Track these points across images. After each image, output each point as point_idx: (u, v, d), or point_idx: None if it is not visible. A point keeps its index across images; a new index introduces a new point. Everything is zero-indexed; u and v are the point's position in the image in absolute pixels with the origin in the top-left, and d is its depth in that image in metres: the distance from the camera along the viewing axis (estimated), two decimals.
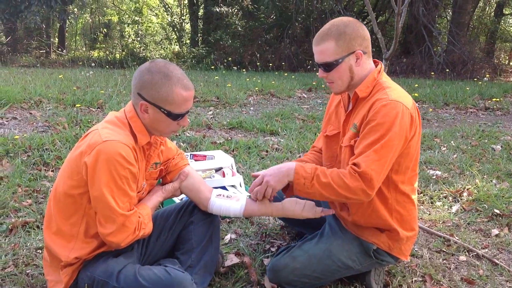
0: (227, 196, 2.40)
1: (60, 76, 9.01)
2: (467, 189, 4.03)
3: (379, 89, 2.28)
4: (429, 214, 3.63)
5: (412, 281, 2.67)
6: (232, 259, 2.72)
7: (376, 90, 2.30)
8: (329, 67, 2.26)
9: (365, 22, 18.67)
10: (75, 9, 19.94)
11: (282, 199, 2.43)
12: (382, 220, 2.37)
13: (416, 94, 9.27)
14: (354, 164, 2.19)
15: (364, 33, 2.28)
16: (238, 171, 4.16)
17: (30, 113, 5.82)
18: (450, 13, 17.26)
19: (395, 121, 2.15)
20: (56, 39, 22.23)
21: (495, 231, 3.35)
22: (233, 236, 3.11)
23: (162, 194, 2.35)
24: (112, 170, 1.96)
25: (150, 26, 24.16)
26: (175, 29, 21.74)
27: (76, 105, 6.29)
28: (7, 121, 5.41)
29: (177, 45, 21.70)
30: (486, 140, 5.88)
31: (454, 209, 3.72)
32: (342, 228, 2.51)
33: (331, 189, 2.20)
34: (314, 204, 2.37)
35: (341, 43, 2.22)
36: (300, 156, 4.88)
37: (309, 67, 15.46)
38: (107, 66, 13.97)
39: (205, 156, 3.81)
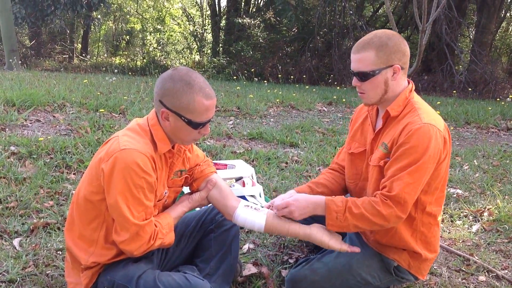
0: (254, 208, 2.33)
1: (85, 81, 9.12)
2: (488, 209, 3.99)
3: (411, 110, 2.26)
4: (449, 233, 3.59)
5: None
6: (250, 269, 2.71)
7: (407, 110, 2.27)
8: (365, 76, 2.23)
9: None
10: (99, 16, 20.23)
11: None
12: (404, 242, 2.35)
13: (437, 112, 9.20)
14: (385, 187, 2.18)
15: (406, 48, 2.26)
16: (257, 182, 4.16)
17: (54, 116, 5.89)
18: (473, 32, 17.17)
19: (429, 145, 2.13)
20: (79, 45, 22.55)
21: None
22: (252, 246, 3.11)
23: (188, 204, 2.33)
24: (128, 179, 1.96)
25: (171, 35, 24.40)
26: (197, 38, 21.92)
27: (100, 110, 6.36)
28: (30, 123, 5.49)
29: (198, 54, 21.86)
30: (507, 161, 5.80)
31: (474, 228, 3.68)
32: (363, 242, 2.50)
33: (364, 219, 2.19)
34: (341, 238, 2.33)
35: (381, 54, 2.20)
36: (319, 169, 4.87)
37: (329, 80, 15.46)
38: (129, 73, 14.11)
39: (226, 165, 3.82)
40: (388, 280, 2.47)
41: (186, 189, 2.55)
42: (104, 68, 14.99)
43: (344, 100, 10.03)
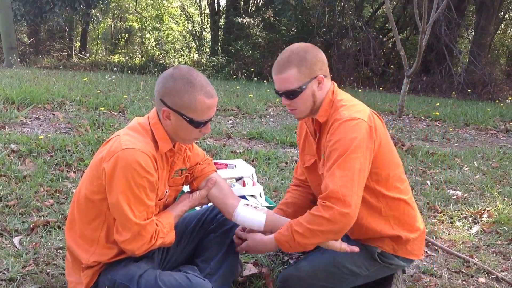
0: (254, 207, 2.33)
1: (85, 79, 9.11)
2: (488, 211, 3.99)
3: (334, 109, 2.27)
4: (448, 234, 3.60)
5: None
6: (250, 269, 2.72)
7: (332, 111, 2.28)
8: (293, 94, 2.23)
9: (386, 39, 18.70)
10: (98, 14, 20.21)
11: None
12: (380, 232, 2.33)
13: (437, 113, 9.23)
14: (321, 189, 2.16)
15: (323, 57, 2.29)
16: (258, 181, 4.16)
17: (53, 114, 5.89)
18: (472, 33, 17.20)
19: (352, 136, 2.12)
20: (78, 43, 22.52)
21: None
22: None
23: (188, 203, 2.32)
24: (129, 179, 1.95)
25: (170, 34, 24.37)
26: (195, 37, 21.91)
27: (100, 108, 6.36)
28: (30, 121, 5.48)
29: (196, 53, 21.85)
30: (507, 163, 5.82)
31: (474, 230, 3.69)
32: (348, 238, 2.45)
33: (313, 232, 2.13)
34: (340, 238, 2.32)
35: (303, 69, 2.20)
36: None
37: None
38: (128, 71, 14.09)
39: (227, 164, 3.82)
40: (376, 269, 2.44)
41: (186, 188, 2.55)
42: (103, 66, 14.97)
43: None
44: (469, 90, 13.46)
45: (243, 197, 3.47)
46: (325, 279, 2.41)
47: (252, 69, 15.28)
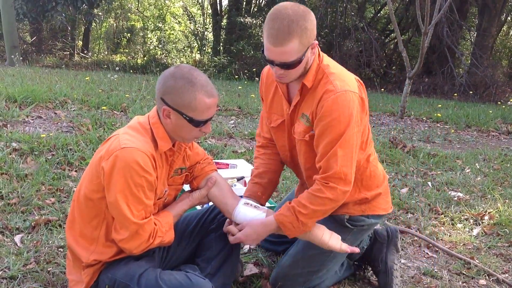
0: (254, 206, 2.34)
1: (87, 78, 9.12)
2: (489, 213, 3.99)
3: (323, 76, 2.19)
4: (449, 236, 3.59)
5: None
6: (251, 269, 2.72)
7: (320, 76, 2.20)
8: (291, 66, 2.10)
9: (388, 40, 18.70)
10: (100, 13, 20.23)
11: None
12: (347, 200, 2.31)
13: (438, 115, 9.22)
14: (321, 168, 2.16)
15: (315, 19, 2.15)
16: None
17: (55, 113, 5.89)
18: (474, 35, 17.19)
19: (351, 112, 2.10)
20: (80, 42, 22.54)
21: None
22: (253, 246, 3.10)
23: (188, 202, 2.32)
24: (128, 178, 1.94)
25: (172, 34, 24.38)
26: (197, 37, 21.92)
27: (102, 107, 6.36)
28: (32, 120, 5.48)
29: (198, 53, 21.86)
30: (508, 165, 5.82)
31: (475, 232, 3.69)
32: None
33: (317, 212, 2.17)
34: (340, 238, 2.32)
35: (303, 39, 2.05)
36: None
37: None
38: (130, 71, 14.10)
39: (228, 164, 3.82)
40: (351, 235, 2.46)
41: (186, 187, 2.54)
42: (105, 66, 14.98)
43: None
44: (471, 92, 13.46)
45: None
46: (308, 265, 2.43)
47: (254, 69, 15.28)
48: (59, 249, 2.81)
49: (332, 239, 2.28)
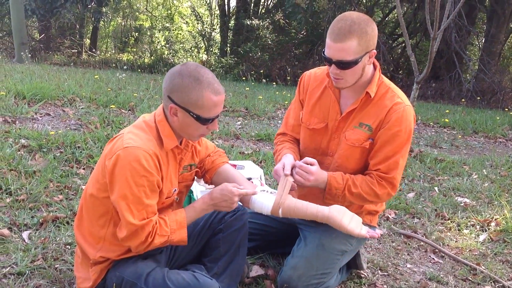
0: (271, 192, 2.32)
1: (96, 77, 9.14)
2: (495, 219, 3.98)
3: (386, 91, 2.39)
4: (455, 241, 3.59)
5: None
6: (257, 270, 2.72)
7: (382, 91, 2.39)
8: (346, 65, 2.22)
9: (395, 44, 18.65)
10: (108, 12, 20.28)
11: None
12: (367, 208, 2.63)
13: (446, 120, 9.20)
14: (379, 169, 2.36)
15: (377, 31, 2.28)
16: (265, 183, 4.16)
17: (63, 111, 5.91)
18: (482, 41, 17.13)
19: (411, 124, 2.35)
20: (88, 40, 22.59)
21: None
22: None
23: (209, 201, 2.22)
24: (129, 177, 1.95)
25: (180, 34, 24.41)
26: (205, 38, 21.94)
27: (110, 106, 6.38)
28: (40, 117, 5.51)
29: (205, 54, 21.88)
30: None
31: (481, 238, 3.68)
32: (318, 223, 2.42)
33: (360, 197, 2.37)
34: (361, 221, 2.32)
35: (362, 42, 2.19)
36: None
37: None
38: (138, 70, 14.12)
39: (235, 165, 3.82)
40: (355, 241, 2.59)
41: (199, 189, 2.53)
42: (113, 64, 15.01)
43: None
44: (478, 98, 13.41)
45: None
46: (322, 267, 2.49)
47: (261, 71, 15.28)
48: (67, 246, 2.82)
49: (352, 223, 2.26)
